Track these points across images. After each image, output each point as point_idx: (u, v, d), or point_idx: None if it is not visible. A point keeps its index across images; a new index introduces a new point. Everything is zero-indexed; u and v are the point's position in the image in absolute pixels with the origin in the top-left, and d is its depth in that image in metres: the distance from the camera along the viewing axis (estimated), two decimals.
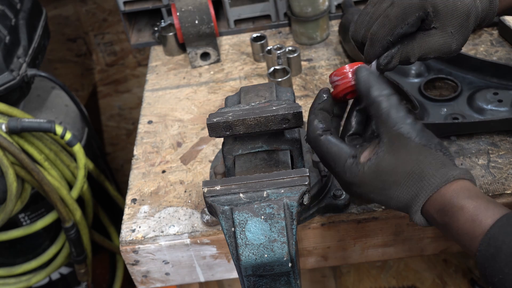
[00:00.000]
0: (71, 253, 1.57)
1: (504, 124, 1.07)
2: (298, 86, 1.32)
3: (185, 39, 1.40)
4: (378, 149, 0.76)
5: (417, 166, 0.75)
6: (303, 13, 1.38)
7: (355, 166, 0.78)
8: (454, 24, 0.81)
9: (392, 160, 0.76)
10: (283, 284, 0.78)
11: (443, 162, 0.75)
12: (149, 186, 1.14)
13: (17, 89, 1.39)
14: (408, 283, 1.72)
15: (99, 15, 2.02)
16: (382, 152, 0.76)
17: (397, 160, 0.75)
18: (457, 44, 0.82)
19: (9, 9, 1.45)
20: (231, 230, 0.76)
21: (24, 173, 1.39)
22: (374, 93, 0.77)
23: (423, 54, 0.83)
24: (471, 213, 0.72)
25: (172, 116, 1.30)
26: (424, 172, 0.75)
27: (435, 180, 0.74)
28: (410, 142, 0.75)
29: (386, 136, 0.76)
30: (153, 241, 1.04)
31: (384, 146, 0.76)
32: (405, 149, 0.75)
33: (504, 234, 0.69)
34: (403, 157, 0.75)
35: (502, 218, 0.70)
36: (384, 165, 0.76)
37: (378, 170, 0.76)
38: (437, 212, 0.74)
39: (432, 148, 0.76)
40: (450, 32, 0.81)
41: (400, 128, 0.75)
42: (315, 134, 0.81)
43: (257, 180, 0.78)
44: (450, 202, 0.73)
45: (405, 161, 0.75)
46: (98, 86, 2.18)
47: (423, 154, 0.75)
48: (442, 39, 0.82)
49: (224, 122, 0.83)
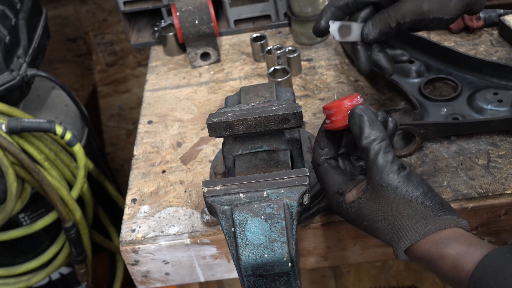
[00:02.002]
0: (71, 253, 1.57)
1: (504, 124, 1.07)
2: (298, 86, 1.32)
3: (185, 39, 1.40)
4: (363, 195, 0.79)
5: (396, 218, 0.77)
6: (303, 13, 1.38)
7: (340, 204, 0.82)
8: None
9: (373, 208, 0.78)
10: (283, 284, 0.78)
11: (423, 214, 0.76)
12: (149, 186, 1.14)
13: (17, 89, 1.39)
14: (408, 283, 1.72)
15: (99, 15, 2.02)
16: (365, 199, 0.79)
17: (377, 209, 0.78)
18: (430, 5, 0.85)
19: (9, 9, 1.45)
20: (231, 230, 0.76)
21: (24, 173, 1.39)
22: (363, 141, 0.78)
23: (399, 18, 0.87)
24: (452, 261, 0.72)
25: (172, 116, 1.30)
26: (402, 224, 0.76)
27: (412, 233, 0.75)
28: (391, 194, 0.76)
29: (370, 183, 0.78)
30: (153, 241, 1.04)
31: (367, 192, 0.79)
32: (385, 200, 0.77)
33: (488, 276, 0.68)
34: (383, 208, 0.77)
35: (483, 260, 0.70)
36: (366, 211, 0.79)
37: (361, 215, 0.79)
38: (419, 259, 0.76)
39: (413, 201, 0.76)
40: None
41: (381, 179, 0.76)
42: (316, 161, 0.86)
43: (257, 180, 0.78)
44: (430, 252, 0.75)
45: (385, 211, 0.77)
46: (98, 86, 2.18)
47: (402, 207, 0.76)
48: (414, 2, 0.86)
49: (224, 122, 0.83)
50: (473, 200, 1.00)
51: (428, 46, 1.24)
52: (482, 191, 1.01)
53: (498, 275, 0.67)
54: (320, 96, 1.28)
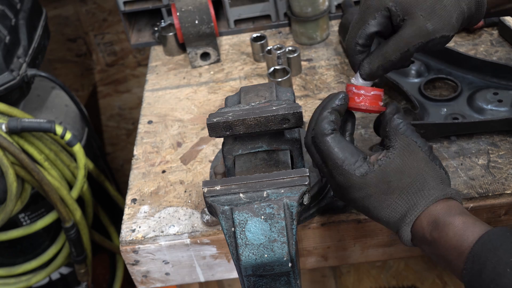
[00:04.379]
0: (71, 253, 1.57)
1: (504, 124, 1.07)
2: (298, 86, 1.32)
3: (185, 39, 1.40)
4: (389, 153, 0.80)
5: (421, 176, 0.79)
6: (303, 13, 1.38)
7: (365, 165, 0.80)
8: (423, 8, 0.79)
9: (400, 165, 0.79)
10: (283, 284, 0.78)
11: (442, 179, 0.80)
12: (149, 186, 1.14)
13: (17, 89, 1.39)
14: (408, 283, 1.72)
15: (99, 15, 2.02)
16: (393, 155, 0.80)
17: (404, 165, 0.79)
18: (434, 24, 0.79)
19: (9, 9, 1.45)
20: (231, 230, 0.76)
21: (24, 173, 1.39)
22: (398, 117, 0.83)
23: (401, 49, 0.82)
24: (460, 228, 0.75)
25: (172, 116, 1.30)
26: (427, 183, 0.79)
27: (434, 192, 0.78)
28: (420, 151, 0.80)
29: (399, 143, 0.81)
30: (153, 241, 1.04)
31: (395, 150, 0.80)
32: (414, 156, 0.80)
33: (486, 251, 0.71)
34: (411, 163, 0.79)
35: (484, 236, 0.72)
36: (393, 166, 0.79)
37: (387, 171, 0.79)
38: (429, 225, 0.77)
39: (436, 164, 0.81)
40: (420, 16, 0.79)
41: (413, 138, 0.81)
42: (325, 131, 0.82)
43: (257, 180, 0.78)
44: (442, 216, 0.77)
45: (412, 167, 0.79)
46: (98, 86, 2.18)
47: (429, 167, 0.80)
48: (414, 26, 0.80)
49: (224, 122, 0.83)
50: (473, 200, 1.00)
51: None
52: (482, 191, 1.01)
53: (496, 251, 0.70)
54: (320, 96, 1.28)
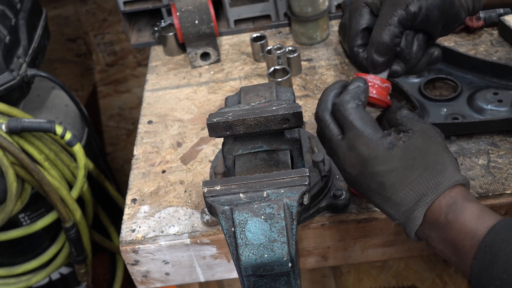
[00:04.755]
0: (71, 253, 1.57)
1: (504, 124, 1.07)
2: (298, 86, 1.32)
3: (185, 39, 1.40)
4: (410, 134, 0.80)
5: (442, 159, 0.79)
6: (303, 13, 1.38)
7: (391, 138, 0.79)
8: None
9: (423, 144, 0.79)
10: (283, 284, 0.78)
11: (457, 167, 0.80)
12: (149, 186, 1.14)
13: (17, 89, 1.39)
14: (408, 283, 1.72)
15: (99, 15, 2.02)
16: (415, 136, 0.80)
17: (426, 145, 0.79)
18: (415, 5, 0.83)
19: (9, 9, 1.45)
20: (231, 230, 0.76)
21: (24, 173, 1.39)
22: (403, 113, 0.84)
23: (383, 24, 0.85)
24: (477, 213, 0.74)
25: (172, 116, 1.30)
26: (447, 166, 0.79)
27: (455, 175, 0.78)
28: (438, 138, 0.81)
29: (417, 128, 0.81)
30: (153, 241, 1.04)
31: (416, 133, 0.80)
32: (434, 141, 0.80)
33: (499, 241, 0.70)
34: (432, 145, 0.80)
35: (497, 225, 0.72)
36: (416, 144, 0.79)
37: (411, 147, 0.79)
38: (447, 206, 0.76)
39: (451, 153, 0.81)
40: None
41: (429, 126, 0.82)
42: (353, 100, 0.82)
43: (257, 180, 0.78)
44: (461, 199, 0.76)
45: (433, 149, 0.79)
46: (98, 86, 2.18)
47: (447, 152, 0.80)
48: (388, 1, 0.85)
49: (224, 122, 0.83)
50: None
51: None
52: (482, 191, 1.01)
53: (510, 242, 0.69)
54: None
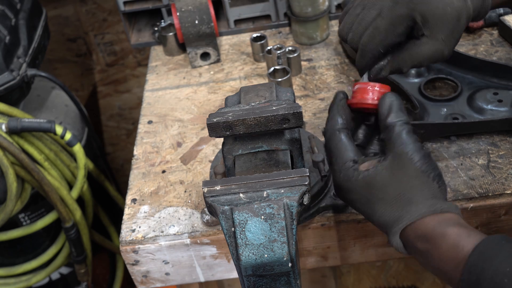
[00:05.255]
0: (71, 253, 1.57)
1: (504, 124, 1.07)
2: (298, 86, 1.32)
3: (185, 39, 1.40)
4: (379, 164, 0.78)
5: (409, 190, 0.76)
6: (303, 13, 1.38)
7: (351, 171, 0.79)
8: (444, 31, 0.80)
9: (388, 177, 0.77)
10: (283, 284, 0.78)
11: (434, 193, 0.76)
12: (149, 186, 1.14)
13: (17, 89, 1.39)
14: (408, 283, 1.72)
15: (99, 15, 2.02)
16: (381, 167, 0.78)
17: (392, 178, 0.77)
18: (449, 49, 0.82)
19: (9, 9, 1.45)
20: (231, 230, 0.76)
21: (24, 173, 1.39)
22: (391, 119, 0.80)
23: (415, 64, 0.83)
24: (454, 239, 0.72)
25: (172, 116, 1.31)
26: (414, 198, 0.76)
27: (422, 208, 0.75)
28: (411, 164, 0.76)
29: (390, 154, 0.78)
30: (153, 241, 1.04)
31: (385, 162, 0.78)
32: (404, 170, 0.76)
33: (483, 261, 0.69)
34: (399, 177, 0.76)
35: (479, 245, 0.70)
36: (378, 179, 0.77)
37: (371, 183, 0.77)
38: (418, 238, 0.75)
39: (429, 178, 0.77)
40: (441, 39, 0.81)
41: (405, 148, 0.77)
42: (333, 128, 0.83)
43: (257, 180, 0.78)
44: (433, 230, 0.74)
45: (400, 181, 0.76)
46: (98, 86, 2.18)
47: (419, 180, 0.76)
48: (434, 46, 0.81)
49: (224, 122, 0.83)
50: (473, 200, 1.00)
51: None
52: (482, 191, 1.01)
53: (493, 261, 0.68)
54: (320, 96, 1.28)
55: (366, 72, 0.87)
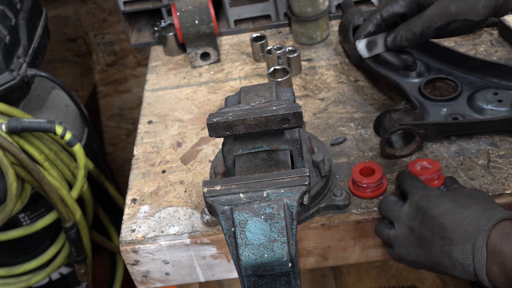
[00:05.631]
0: (71, 253, 1.57)
1: (504, 124, 1.07)
2: (298, 86, 1.32)
3: (185, 39, 1.40)
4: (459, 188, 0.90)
5: (489, 201, 0.86)
6: (303, 13, 1.38)
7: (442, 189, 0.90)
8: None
9: (471, 192, 0.88)
10: (283, 284, 0.78)
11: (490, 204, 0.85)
12: (149, 186, 1.14)
13: (17, 89, 1.39)
14: (408, 283, 1.72)
15: (99, 15, 2.02)
16: (464, 189, 0.89)
17: (474, 192, 0.88)
18: (457, 7, 0.84)
19: (9, 9, 1.45)
20: (231, 230, 0.76)
21: (24, 173, 1.39)
22: None
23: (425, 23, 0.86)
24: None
25: (172, 116, 1.31)
26: (494, 205, 0.84)
27: (504, 211, 0.82)
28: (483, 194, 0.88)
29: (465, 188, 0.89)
30: (153, 241, 1.04)
31: (464, 188, 0.89)
32: (480, 193, 0.88)
33: None
34: (479, 194, 0.88)
35: None
36: (465, 192, 0.87)
37: (461, 194, 0.86)
38: (501, 236, 0.79)
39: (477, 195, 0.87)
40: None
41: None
42: None
43: (257, 180, 0.78)
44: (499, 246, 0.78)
45: (480, 195, 0.87)
46: (98, 86, 2.18)
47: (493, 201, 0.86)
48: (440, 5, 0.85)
49: (224, 122, 0.83)
50: None
51: (428, 46, 1.24)
52: (482, 191, 1.01)
53: None
54: (320, 96, 1.28)
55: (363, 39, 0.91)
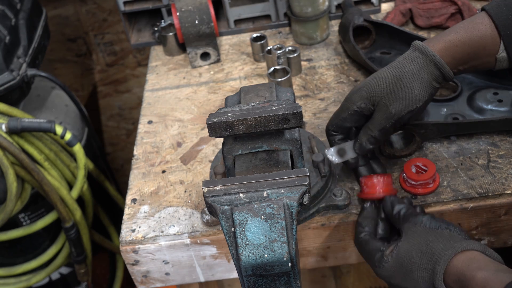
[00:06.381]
0: (71, 253, 1.57)
1: (504, 124, 1.07)
2: (298, 86, 1.32)
3: (185, 39, 1.40)
4: (399, 242, 0.90)
5: (427, 245, 0.85)
6: (303, 13, 1.38)
7: (382, 258, 0.91)
8: (385, 96, 0.95)
9: (408, 247, 0.88)
10: (283, 284, 0.78)
11: (449, 237, 0.85)
12: (149, 186, 1.14)
13: (17, 89, 1.39)
14: None
15: (99, 15, 2.02)
16: (401, 243, 0.89)
17: (411, 245, 0.87)
18: (395, 107, 0.94)
19: (9, 9, 1.45)
20: (231, 230, 0.76)
21: (24, 173, 1.39)
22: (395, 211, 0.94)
23: (378, 127, 0.96)
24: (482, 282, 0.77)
25: (172, 116, 1.30)
26: (434, 249, 0.85)
27: (444, 253, 0.83)
28: (421, 228, 0.88)
29: (404, 231, 0.90)
30: (153, 241, 1.04)
31: (401, 237, 0.90)
32: (417, 235, 0.88)
33: None
34: (416, 241, 0.88)
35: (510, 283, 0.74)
36: (402, 252, 0.88)
37: (399, 258, 0.88)
38: (455, 283, 0.81)
39: (438, 229, 0.87)
40: (383, 103, 0.95)
41: (411, 222, 0.90)
42: (357, 237, 0.97)
43: (257, 180, 0.78)
44: (462, 273, 0.80)
45: (417, 244, 0.87)
46: (98, 86, 2.18)
47: (431, 235, 0.87)
48: (381, 112, 0.95)
49: (224, 122, 0.83)
50: (473, 200, 1.00)
51: None
52: (482, 191, 1.01)
53: None
54: (320, 96, 1.28)
55: (331, 148, 1.01)
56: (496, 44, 0.93)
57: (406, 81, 0.94)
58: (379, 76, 0.97)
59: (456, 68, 0.96)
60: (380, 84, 0.96)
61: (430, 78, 0.94)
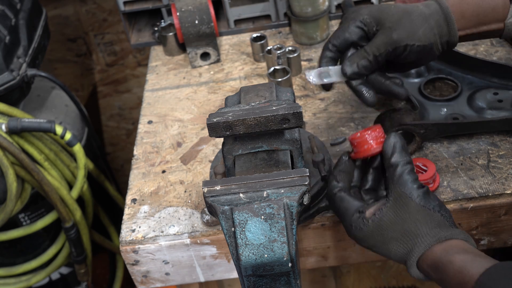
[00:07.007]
0: (71, 253, 1.57)
1: (504, 124, 1.07)
2: (298, 86, 1.32)
3: (185, 39, 1.40)
4: (383, 206, 0.84)
5: (413, 225, 0.82)
6: (303, 13, 1.38)
7: (360, 220, 0.85)
8: (391, 20, 0.94)
9: (393, 218, 0.83)
10: (283, 284, 0.78)
11: (438, 223, 0.82)
12: (149, 186, 1.14)
13: (17, 89, 1.39)
14: (408, 283, 1.72)
15: (99, 15, 2.02)
16: (386, 209, 0.83)
17: (397, 217, 0.82)
18: (398, 34, 0.92)
19: (9, 9, 1.45)
20: (231, 230, 0.76)
21: (24, 173, 1.39)
22: (394, 158, 0.85)
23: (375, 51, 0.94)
24: (459, 266, 0.76)
25: (172, 116, 1.31)
26: (419, 230, 0.81)
27: (427, 238, 0.80)
28: (411, 202, 0.82)
29: (392, 195, 0.84)
30: (153, 241, 1.04)
31: (388, 203, 0.84)
32: (406, 208, 0.83)
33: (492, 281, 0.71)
34: (403, 215, 0.82)
35: (491, 269, 0.72)
36: (385, 220, 0.83)
37: (380, 226, 0.83)
38: (429, 267, 0.79)
39: (430, 209, 0.82)
40: (388, 27, 0.93)
41: (405, 189, 0.83)
42: (332, 192, 0.89)
43: (257, 180, 0.79)
44: (440, 258, 0.78)
45: (404, 219, 0.82)
46: (98, 86, 2.18)
47: (421, 214, 0.82)
48: (384, 34, 0.94)
49: (224, 122, 0.83)
50: (473, 200, 1.00)
51: None
52: (482, 191, 1.01)
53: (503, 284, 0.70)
54: (320, 96, 1.28)
55: (310, 71, 0.97)
56: (506, 8, 0.93)
57: (415, 17, 0.94)
58: (391, 4, 0.98)
59: (464, 30, 0.95)
60: (391, 9, 0.96)
61: (436, 29, 0.94)
